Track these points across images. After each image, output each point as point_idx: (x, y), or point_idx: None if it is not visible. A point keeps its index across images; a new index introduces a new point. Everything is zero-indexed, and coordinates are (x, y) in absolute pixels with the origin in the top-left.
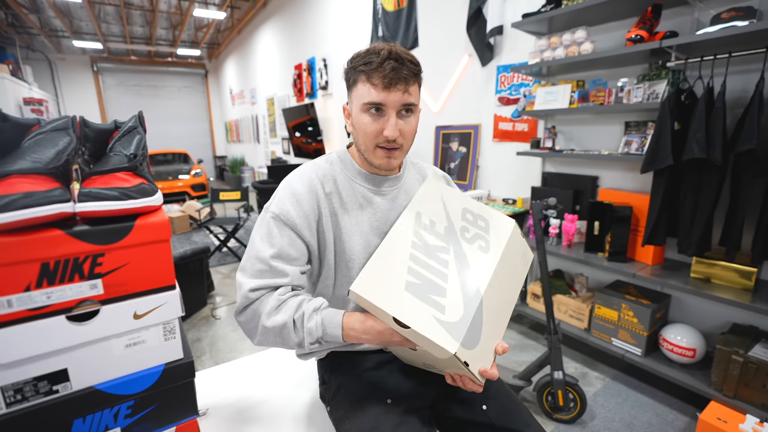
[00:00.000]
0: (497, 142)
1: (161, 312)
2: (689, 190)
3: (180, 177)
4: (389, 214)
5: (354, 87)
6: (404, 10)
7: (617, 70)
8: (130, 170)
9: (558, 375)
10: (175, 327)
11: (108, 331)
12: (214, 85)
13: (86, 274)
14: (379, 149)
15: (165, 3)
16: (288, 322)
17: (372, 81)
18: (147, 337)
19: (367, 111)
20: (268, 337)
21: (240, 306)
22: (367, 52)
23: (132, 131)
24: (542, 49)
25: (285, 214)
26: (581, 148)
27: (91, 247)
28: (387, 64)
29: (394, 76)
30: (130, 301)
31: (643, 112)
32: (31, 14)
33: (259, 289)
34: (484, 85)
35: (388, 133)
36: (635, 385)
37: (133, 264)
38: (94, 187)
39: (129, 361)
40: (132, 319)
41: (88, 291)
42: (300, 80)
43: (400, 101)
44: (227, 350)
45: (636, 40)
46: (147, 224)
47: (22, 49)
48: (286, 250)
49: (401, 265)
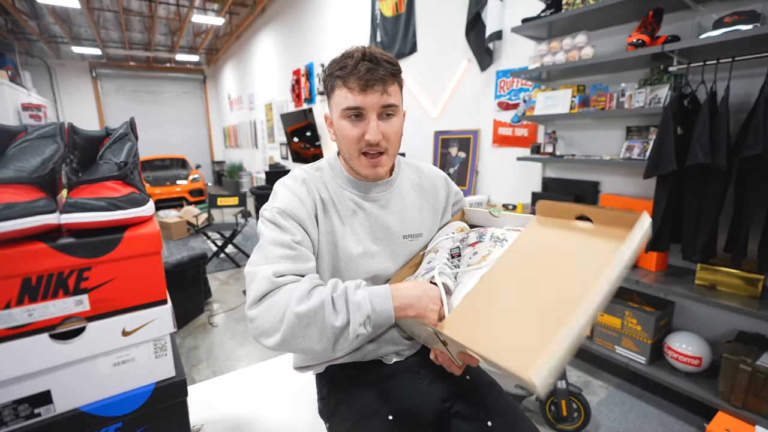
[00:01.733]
0: (497, 148)
1: (151, 328)
2: (693, 195)
3: (178, 182)
4: (383, 218)
5: (332, 94)
6: (403, 16)
7: (618, 74)
8: (120, 179)
9: (561, 384)
10: (166, 344)
11: (94, 350)
12: (212, 91)
13: (71, 289)
14: (363, 157)
15: (164, 9)
16: (326, 300)
17: (348, 85)
18: (136, 355)
19: (347, 117)
20: (296, 329)
21: (258, 294)
22: (342, 57)
23: (123, 138)
24: (542, 53)
25: (290, 209)
26: (582, 153)
27: (76, 261)
28: (362, 66)
29: (370, 77)
30: (119, 317)
31: (644, 116)
32: (30, 20)
33: (285, 275)
34: (484, 90)
35: (369, 137)
36: (640, 394)
37: (121, 278)
38: (81, 197)
39: (117, 380)
40: (120, 336)
41: (73, 307)
42: (298, 85)
43: (379, 103)
44: (225, 358)
45: (637, 45)
46: (136, 236)
47: (21, 55)
48: (301, 237)
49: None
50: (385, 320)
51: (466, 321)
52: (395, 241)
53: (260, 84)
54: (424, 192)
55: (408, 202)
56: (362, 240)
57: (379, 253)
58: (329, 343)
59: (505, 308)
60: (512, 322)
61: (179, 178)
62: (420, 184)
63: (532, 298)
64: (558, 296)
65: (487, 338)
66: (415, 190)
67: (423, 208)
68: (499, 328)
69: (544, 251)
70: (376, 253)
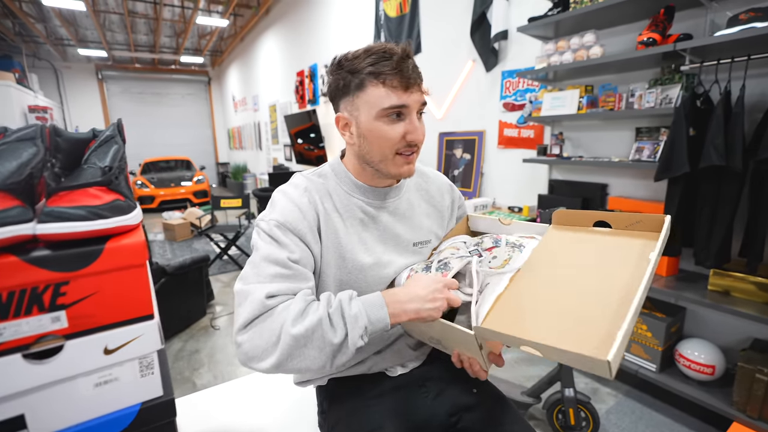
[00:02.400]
0: (502, 149)
1: (137, 345)
2: (706, 198)
3: (182, 184)
4: (393, 226)
5: (360, 92)
6: (407, 16)
7: (627, 74)
8: (104, 185)
9: (569, 392)
10: (153, 361)
11: (74, 370)
12: (217, 92)
13: (47, 305)
14: (398, 156)
15: (169, 11)
16: (323, 318)
17: (389, 83)
18: (120, 374)
19: (385, 116)
20: (293, 350)
21: (248, 318)
22: (370, 53)
23: (109, 141)
24: (549, 53)
25: (290, 222)
26: (590, 155)
27: (52, 275)
28: (405, 65)
29: (413, 75)
30: (100, 335)
31: (655, 117)
32: (37, 23)
33: (278, 296)
34: (489, 91)
35: (414, 137)
36: (650, 402)
37: (102, 293)
38: (59, 205)
39: (99, 402)
40: (102, 354)
41: (49, 325)
42: (302, 87)
43: (419, 101)
44: (226, 362)
45: (648, 43)
46: (119, 247)
47: (28, 57)
48: (300, 255)
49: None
50: (382, 329)
51: (510, 319)
52: (406, 249)
53: (264, 85)
54: (430, 197)
55: (416, 207)
56: (372, 250)
57: (391, 263)
58: (328, 360)
59: (548, 308)
60: (562, 318)
61: (184, 180)
62: (426, 189)
63: (572, 300)
64: (600, 297)
65: (545, 332)
66: (422, 195)
67: (430, 214)
68: (551, 324)
69: (572, 255)
70: (388, 262)
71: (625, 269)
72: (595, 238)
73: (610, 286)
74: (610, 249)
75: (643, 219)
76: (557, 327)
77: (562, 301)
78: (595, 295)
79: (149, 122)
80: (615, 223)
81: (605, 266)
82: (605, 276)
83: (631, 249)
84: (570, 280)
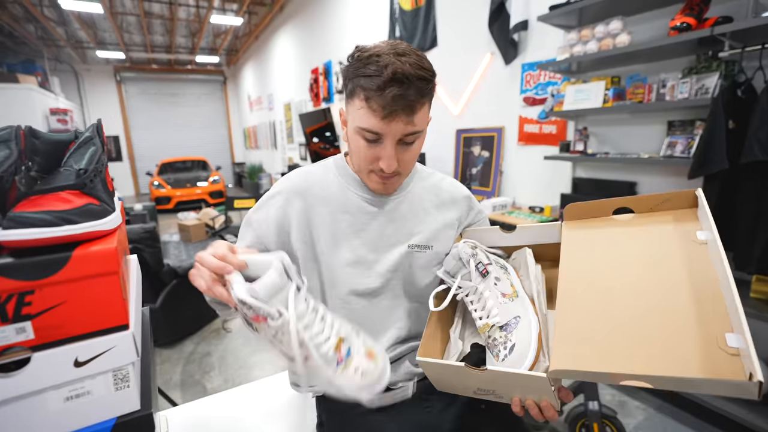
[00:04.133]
0: (522, 146)
1: (110, 357)
2: (748, 198)
3: (198, 184)
4: (386, 227)
5: (351, 99)
6: (422, 9)
7: (658, 63)
8: (77, 189)
9: (593, 405)
10: (128, 374)
11: (42, 383)
12: (232, 92)
13: (10, 316)
14: (372, 174)
15: (184, 11)
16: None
17: (370, 105)
18: (92, 388)
19: (362, 136)
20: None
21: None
22: (369, 60)
23: (87, 142)
24: (572, 43)
25: (252, 218)
26: (617, 152)
27: (15, 284)
28: (389, 92)
29: (395, 105)
30: (69, 346)
31: (689, 110)
32: (58, 27)
33: None
34: (508, 85)
35: (383, 165)
36: (683, 418)
37: (71, 302)
38: (24, 210)
39: (70, 416)
40: (72, 367)
41: (13, 336)
42: (317, 84)
43: (402, 132)
44: (237, 366)
45: (682, 29)
46: (87, 254)
47: (49, 61)
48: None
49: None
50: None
51: (585, 351)
52: (398, 250)
53: (279, 84)
54: (441, 203)
55: (419, 210)
56: (355, 246)
57: (377, 261)
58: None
59: (618, 326)
60: (644, 336)
61: (199, 180)
62: (437, 195)
63: (638, 309)
64: (672, 299)
65: (640, 357)
66: (431, 200)
67: (437, 220)
68: (637, 345)
69: (607, 256)
70: (374, 261)
71: (677, 257)
72: (624, 230)
73: (676, 283)
74: (648, 237)
75: (671, 197)
76: (648, 349)
77: (627, 314)
78: (664, 298)
79: (166, 123)
80: (637, 206)
81: (653, 259)
82: (660, 271)
83: (673, 232)
84: (622, 288)
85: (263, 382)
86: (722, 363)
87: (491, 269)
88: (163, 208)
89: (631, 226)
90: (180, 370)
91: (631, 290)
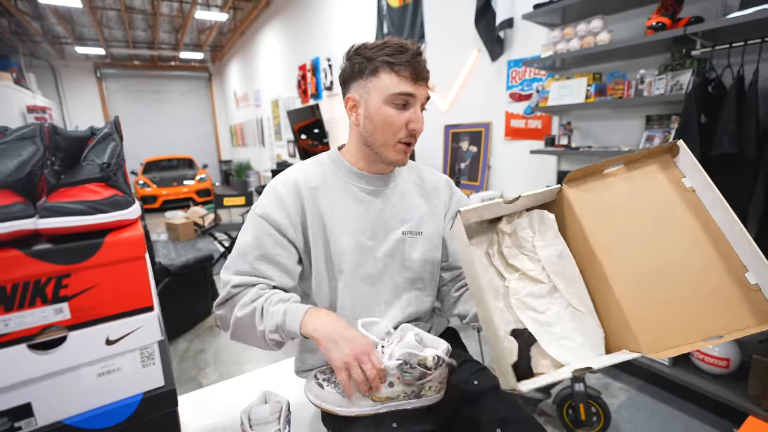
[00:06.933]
0: (509, 141)
1: (137, 336)
2: (719, 187)
3: (185, 182)
4: (382, 215)
5: (373, 77)
6: (410, 6)
7: (636, 61)
8: (102, 181)
9: (579, 387)
10: (154, 352)
11: (77, 360)
12: (218, 89)
13: (50, 297)
14: (399, 144)
15: (167, 6)
16: (257, 308)
17: (401, 73)
18: (122, 365)
19: (392, 103)
20: (239, 328)
21: (221, 299)
22: (389, 44)
23: (107, 138)
24: (555, 41)
25: (269, 215)
26: (599, 145)
27: (54, 268)
28: (416, 62)
29: (422, 73)
30: (101, 326)
31: (665, 105)
32: (33, 21)
33: (242, 286)
34: (495, 81)
35: (417, 126)
36: (663, 396)
37: (103, 285)
38: (59, 200)
39: (102, 391)
40: (104, 345)
41: (52, 316)
42: (304, 81)
43: (425, 95)
44: (232, 362)
45: (657, 28)
46: (118, 240)
47: (25, 56)
48: (271, 251)
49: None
50: (292, 334)
51: (662, 325)
52: (394, 237)
53: (266, 80)
54: (425, 192)
55: (408, 198)
56: (356, 234)
57: (375, 248)
58: (262, 342)
59: (671, 293)
60: (689, 300)
61: (186, 179)
62: (421, 185)
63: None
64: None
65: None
66: (416, 189)
67: (423, 207)
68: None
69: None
70: (372, 247)
71: (678, 207)
72: (622, 185)
73: (689, 234)
74: (647, 189)
75: (653, 150)
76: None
77: (666, 282)
78: (686, 253)
79: (150, 120)
80: (626, 159)
81: (661, 213)
82: (672, 224)
83: (665, 182)
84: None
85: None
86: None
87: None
88: (149, 207)
89: (628, 184)
90: (175, 367)
91: (657, 252)
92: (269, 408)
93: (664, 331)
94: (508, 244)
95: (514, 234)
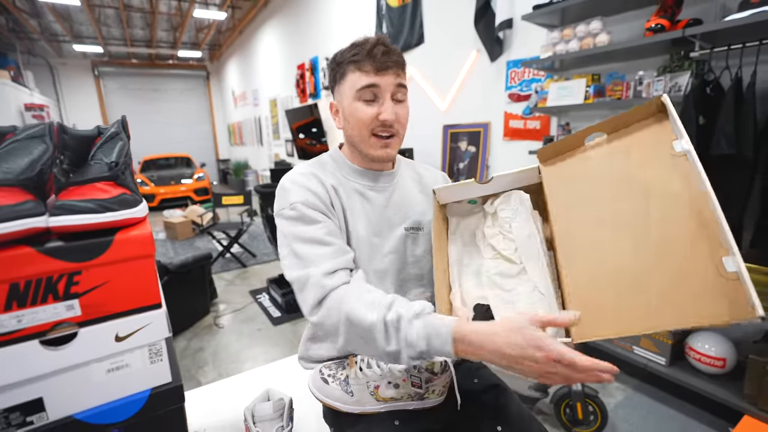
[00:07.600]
0: (508, 141)
1: (146, 333)
2: (717, 188)
3: (182, 181)
4: (385, 211)
5: (343, 80)
6: (409, 6)
7: (635, 62)
8: (111, 180)
9: (576, 386)
10: (161, 349)
11: (87, 356)
12: (216, 88)
13: (61, 294)
14: (374, 138)
15: (165, 4)
16: (377, 323)
17: (363, 68)
18: (130, 361)
19: (361, 98)
20: (352, 335)
21: (314, 301)
22: (354, 45)
23: (114, 137)
24: (554, 42)
25: (309, 201)
26: None
27: (65, 265)
28: (377, 50)
29: (385, 59)
30: (111, 323)
31: None
32: (31, 19)
33: (335, 272)
34: (494, 82)
35: (385, 116)
36: (660, 396)
37: (113, 282)
38: (69, 199)
39: (111, 387)
40: (113, 341)
41: (64, 313)
42: (303, 80)
43: (394, 83)
44: (230, 360)
45: (656, 30)
46: (127, 238)
47: (23, 54)
48: (331, 228)
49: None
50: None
51: (597, 315)
52: (396, 233)
53: (264, 79)
54: (423, 188)
55: (408, 195)
56: (365, 228)
57: (381, 245)
58: (383, 357)
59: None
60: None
61: (184, 177)
62: (419, 181)
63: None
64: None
65: (643, 314)
66: (415, 185)
67: (423, 202)
68: (641, 301)
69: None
70: (378, 244)
71: (661, 178)
72: (602, 160)
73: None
74: (627, 161)
75: (637, 109)
76: (654, 300)
77: (632, 264)
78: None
79: (147, 119)
80: (607, 129)
81: (640, 187)
82: (649, 199)
83: (651, 149)
84: (619, 230)
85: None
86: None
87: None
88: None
89: (608, 155)
90: None
91: (628, 231)
92: (272, 405)
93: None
94: (489, 224)
95: (495, 214)
